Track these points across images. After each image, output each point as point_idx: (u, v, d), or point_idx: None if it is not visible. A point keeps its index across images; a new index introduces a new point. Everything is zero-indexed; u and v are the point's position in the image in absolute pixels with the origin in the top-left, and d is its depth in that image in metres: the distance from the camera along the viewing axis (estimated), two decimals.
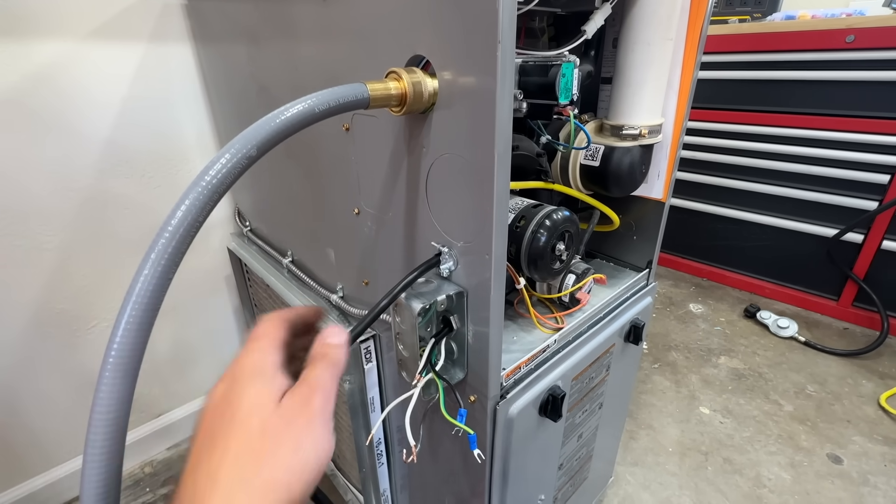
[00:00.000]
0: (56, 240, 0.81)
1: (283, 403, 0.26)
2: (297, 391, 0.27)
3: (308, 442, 0.25)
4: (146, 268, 0.26)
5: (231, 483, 0.23)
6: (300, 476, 0.24)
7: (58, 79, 0.75)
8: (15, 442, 0.87)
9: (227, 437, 0.24)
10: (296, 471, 0.24)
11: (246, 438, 0.24)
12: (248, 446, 0.24)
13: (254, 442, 0.24)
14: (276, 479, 0.24)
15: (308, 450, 0.25)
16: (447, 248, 0.43)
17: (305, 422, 0.26)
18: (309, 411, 0.26)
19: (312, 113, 0.31)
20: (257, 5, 0.60)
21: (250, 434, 0.24)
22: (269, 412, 0.25)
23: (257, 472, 0.24)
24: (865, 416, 1.15)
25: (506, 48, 0.32)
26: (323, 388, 0.27)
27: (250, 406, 0.25)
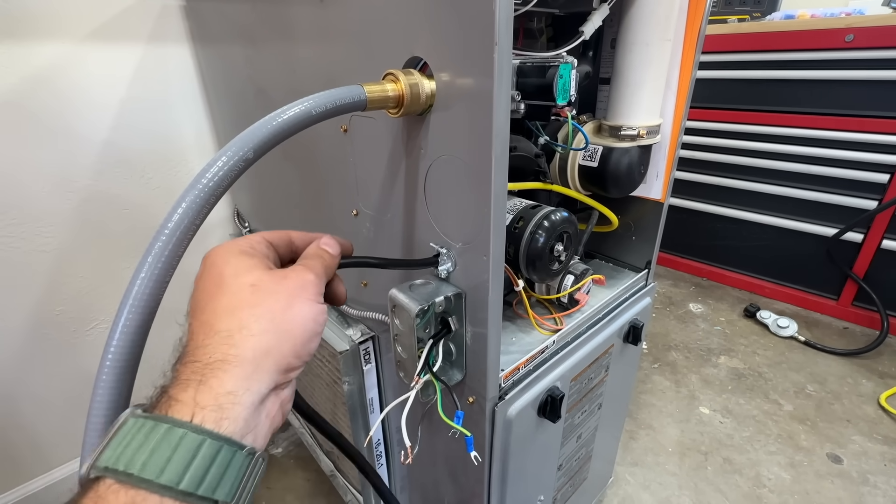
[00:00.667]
0: (54, 241, 0.81)
1: (273, 272, 0.27)
2: (291, 268, 0.28)
3: (302, 302, 0.26)
4: (143, 271, 0.26)
5: (229, 329, 0.24)
6: (294, 329, 0.25)
7: (56, 80, 0.75)
8: (13, 444, 0.87)
9: (219, 296, 0.25)
10: (292, 324, 0.25)
11: (237, 293, 0.25)
12: (239, 299, 0.25)
13: (244, 295, 0.25)
14: (274, 327, 0.25)
15: (303, 307, 0.26)
16: (445, 249, 0.43)
17: (299, 286, 0.27)
18: (302, 280, 0.27)
19: (310, 115, 0.31)
20: (255, 7, 0.60)
21: (242, 290, 0.25)
22: (260, 273, 0.26)
23: (254, 320, 0.24)
24: (865, 415, 1.15)
25: (503, 49, 0.31)
26: (316, 270, 0.29)
27: (236, 269, 0.26)
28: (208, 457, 0.20)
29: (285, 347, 0.25)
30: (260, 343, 0.24)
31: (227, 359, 0.23)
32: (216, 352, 0.23)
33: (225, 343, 0.23)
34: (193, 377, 0.22)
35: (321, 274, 0.29)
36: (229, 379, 0.22)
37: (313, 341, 0.27)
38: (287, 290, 0.26)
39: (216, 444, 0.21)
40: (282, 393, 0.26)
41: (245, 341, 0.24)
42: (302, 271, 0.28)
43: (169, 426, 0.20)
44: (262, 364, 0.24)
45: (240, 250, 0.28)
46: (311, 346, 0.27)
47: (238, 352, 0.23)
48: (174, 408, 0.21)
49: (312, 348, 0.27)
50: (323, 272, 0.30)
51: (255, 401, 0.23)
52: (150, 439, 0.20)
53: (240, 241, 0.29)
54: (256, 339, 0.24)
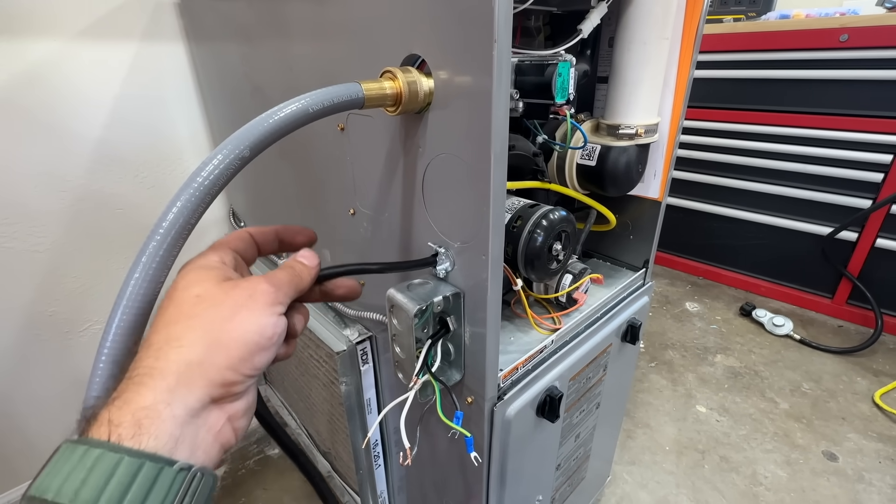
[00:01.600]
0: (47, 241, 0.80)
1: (226, 281, 0.26)
2: (248, 278, 0.27)
3: (247, 312, 0.25)
4: (137, 271, 0.25)
5: (159, 341, 0.23)
6: (236, 341, 0.24)
7: (50, 78, 0.74)
8: (7, 445, 0.86)
9: (166, 309, 0.25)
10: (230, 334, 0.24)
11: (180, 304, 0.24)
12: (180, 310, 0.24)
13: (186, 307, 0.24)
14: (209, 337, 0.23)
15: (246, 318, 0.25)
16: (444, 248, 0.42)
17: (247, 296, 0.25)
18: (252, 290, 0.26)
19: (306, 113, 0.31)
20: (251, 3, 0.60)
21: (186, 301, 0.24)
22: (210, 285, 0.25)
23: (189, 330, 0.23)
24: (860, 413, 1.16)
25: (502, 47, 0.31)
26: (276, 280, 0.27)
27: (189, 282, 0.25)
28: (127, 475, 0.19)
29: (218, 360, 0.23)
30: (187, 355, 0.23)
31: (150, 372, 0.22)
32: (142, 365, 0.22)
33: (152, 356, 0.23)
34: (116, 395, 0.22)
35: (283, 284, 0.27)
36: (148, 392, 0.21)
37: (259, 355, 0.25)
38: (233, 299, 0.25)
39: (135, 461, 0.20)
40: (229, 407, 0.25)
41: (171, 353, 0.23)
42: (256, 281, 0.26)
43: (86, 448, 0.20)
44: (189, 376, 0.22)
45: (201, 264, 0.27)
46: (255, 361, 0.25)
47: (162, 364, 0.22)
48: (93, 428, 0.21)
49: (258, 363, 0.25)
50: (286, 281, 0.28)
51: (181, 414, 0.22)
52: (67, 464, 0.20)
53: (209, 254, 0.28)
54: (184, 351, 0.23)
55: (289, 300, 0.28)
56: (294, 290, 0.29)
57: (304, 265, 0.31)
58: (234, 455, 1.06)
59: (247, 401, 0.26)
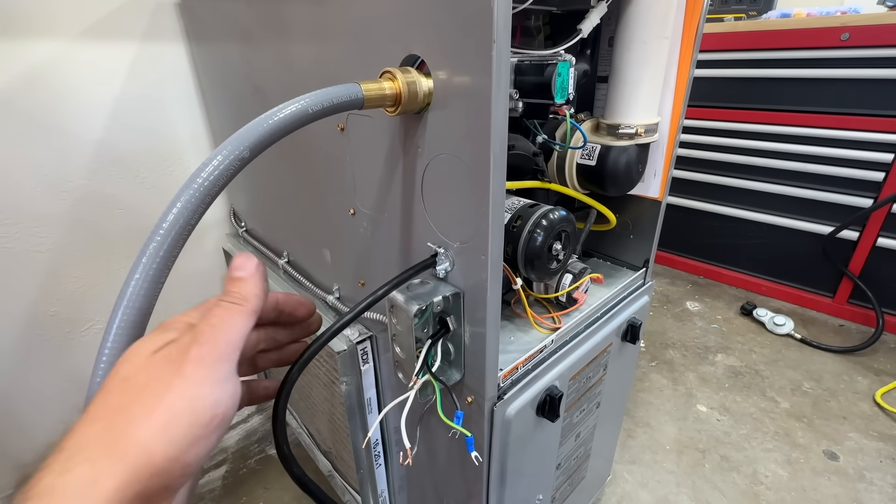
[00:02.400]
0: (49, 241, 0.80)
1: (158, 352, 0.21)
2: (179, 339, 0.22)
3: (175, 396, 0.20)
4: (137, 271, 0.25)
5: (74, 447, 0.19)
6: (163, 434, 0.19)
7: (49, 79, 0.74)
8: (9, 445, 0.86)
9: (94, 400, 0.21)
10: (156, 427, 0.19)
11: (105, 395, 0.20)
12: (104, 403, 0.20)
13: (111, 397, 0.20)
14: (128, 437, 0.19)
15: (175, 402, 0.20)
16: (443, 248, 0.42)
17: (174, 372, 0.21)
18: (183, 360, 0.21)
19: (306, 114, 0.31)
20: (251, 4, 0.60)
21: (110, 390, 0.21)
22: (138, 362, 0.21)
23: (106, 431, 0.19)
24: (861, 412, 1.16)
25: (501, 47, 0.31)
26: (209, 334, 0.22)
27: (123, 359, 0.22)
28: None
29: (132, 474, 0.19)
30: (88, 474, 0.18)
31: (47, 492, 0.18)
32: (42, 482, 0.18)
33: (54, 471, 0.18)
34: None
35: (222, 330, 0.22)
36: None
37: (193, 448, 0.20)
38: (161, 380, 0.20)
39: None
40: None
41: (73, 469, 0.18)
42: (188, 344, 0.22)
43: None
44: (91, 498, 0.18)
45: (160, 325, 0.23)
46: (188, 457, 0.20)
47: (60, 482, 0.18)
48: None
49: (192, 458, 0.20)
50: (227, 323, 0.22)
51: None
52: None
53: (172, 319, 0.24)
54: (86, 469, 0.18)
55: (235, 348, 0.22)
56: (243, 327, 0.23)
57: (240, 280, 0.24)
58: (236, 454, 1.06)
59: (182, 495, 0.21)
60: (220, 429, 0.21)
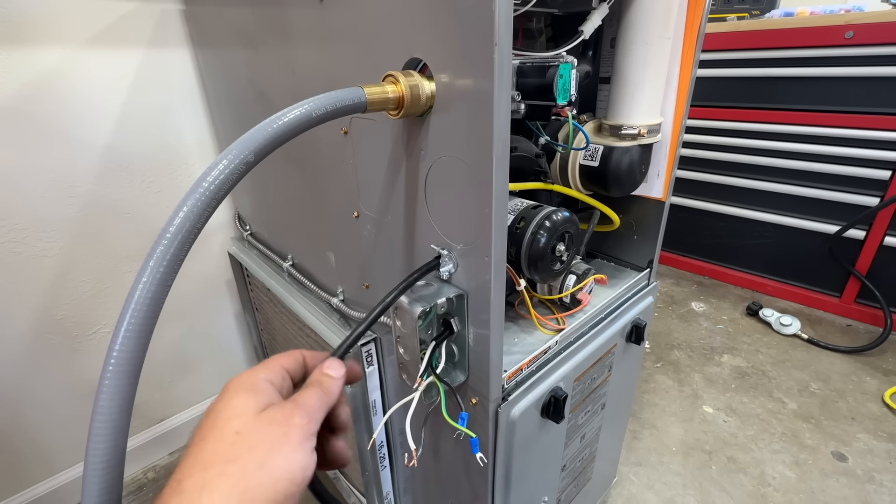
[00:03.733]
0: (56, 246, 0.81)
1: (263, 413, 0.25)
2: (282, 405, 0.26)
3: (280, 455, 0.24)
4: (145, 275, 0.26)
5: (194, 488, 0.22)
6: (269, 489, 0.23)
7: (57, 86, 0.75)
8: (16, 448, 0.87)
9: (205, 442, 0.24)
10: (263, 483, 0.23)
11: (218, 442, 0.24)
12: (218, 451, 0.24)
13: (226, 447, 0.24)
14: (241, 487, 0.23)
15: (279, 463, 0.24)
16: (447, 250, 0.43)
17: (282, 434, 0.25)
18: (288, 424, 0.25)
19: (310, 117, 0.31)
20: (254, 10, 0.60)
21: (224, 439, 0.24)
22: (248, 419, 0.25)
23: (223, 479, 0.23)
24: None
25: (503, 50, 0.31)
26: (308, 408, 0.27)
27: (232, 412, 0.25)
28: None
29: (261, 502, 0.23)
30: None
31: None
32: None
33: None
34: None
35: (315, 408, 0.27)
36: None
37: (289, 491, 0.24)
38: (268, 440, 0.24)
39: None
40: None
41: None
42: (290, 411, 0.26)
43: None
44: None
45: (250, 385, 0.27)
46: (284, 497, 0.24)
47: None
48: None
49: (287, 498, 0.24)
50: (318, 404, 0.27)
51: None
52: None
53: (257, 372, 0.28)
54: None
55: (319, 425, 0.27)
56: (326, 408, 0.28)
57: (331, 377, 0.30)
58: None
59: None
60: (305, 483, 0.25)
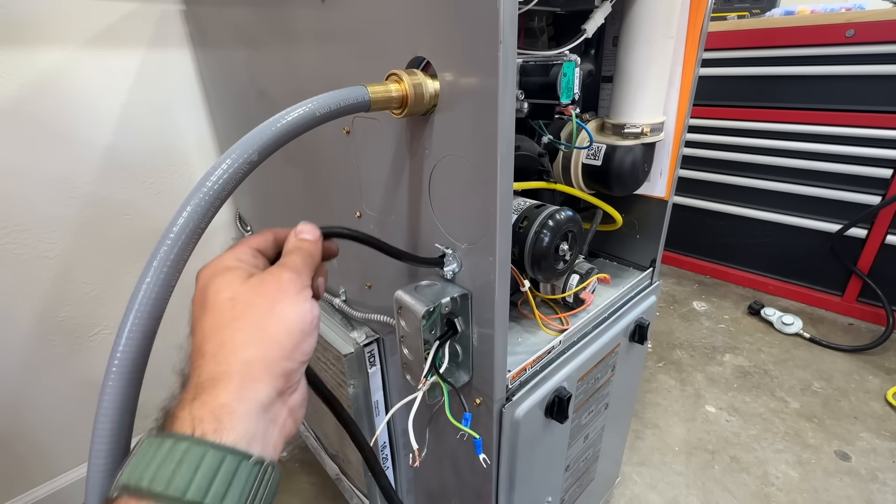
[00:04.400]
0: (58, 247, 0.81)
1: (249, 280, 0.27)
2: (267, 270, 0.28)
3: (283, 304, 0.26)
4: (148, 276, 0.26)
5: (213, 348, 0.24)
6: (284, 333, 0.25)
7: (58, 86, 0.75)
8: (18, 450, 0.87)
9: (204, 316, 0.26)
10: (277, 328, 0.25)
11: (219, 310, 0.25)
12: (221, 316, 0.25)
13: (225, 311, 0.25)
14: (258, 336, 0.25)
15: (285, 309, 0.26)
16: (451, 249, 0.42)
17: (277, 289, 0.26)
18: (279, 281, 0.27)
19: (313, 116, 0.31)
20: (255, 9, 0.60)
21: (222, 307, 0.25)
22: (238, 285, 0.26)
23: (238, 333, 0.25)
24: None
25: (507, 48, 0.31)
26: (293, 266, 0.28)
27: (217, 287, 0.26)
28: (212, 467, 0.21)
29: (272, 353, 0.25)
30: (244, 356, 0.24)
31: (216, 376, 0.23)
32: (205, 371, 0.24)
33: (212, 362, 0.24)
34: (188, 396, 0.23)
35: (301, 267, 0.28)
36: (222, 392, 0.23)
37: (306, 341, 0.26)
38: (265, 295, 0.26)
39: (219, 454, 0.21)
40: (289, 399, 0.26)
41: (229, 357, 0.24)
42: (278, 271, 0.27)
43: (173, 441, 0.21)
44: (252, 374, 0.24)
45: (223, 266, 0.28)
46: (304, 347, 0.26)
47: (224, 368, 0.24)
48: (176, 424, 0.22)
49: (307, 348, 0.26)
50: (303, 264, 0.29)
51: (253, 409, 0.23)
52: (157, 455, 0.21)
53: (225, 255, 0.29)
54: (240, 353, 0.24)
55: (310, 280, 0.29)
56: (311, 268, 0.30)
57: (309, 241, 0.31)
58: None
59: (301, 391, 0.28)
60: (317, 329, 0.27)
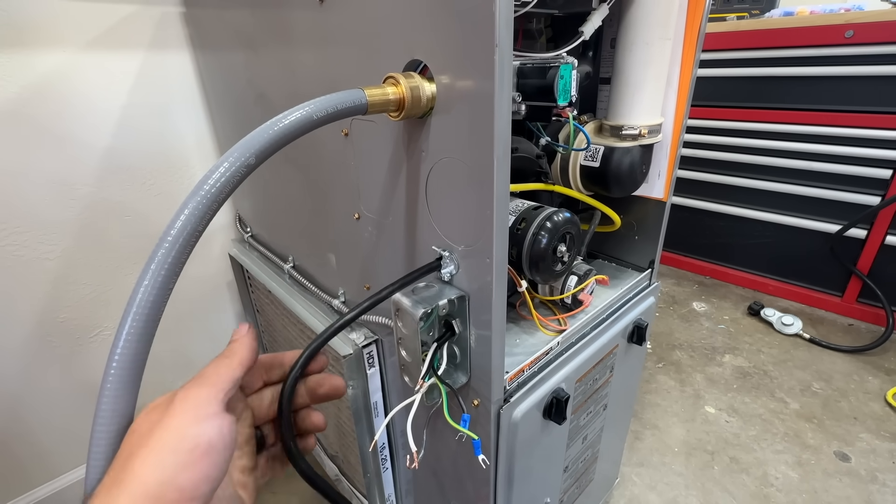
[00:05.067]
0: (57, 249, 0.81)
1: (153, 406, 0.25)
2: (173, 393, 0.25)
3: (163, 426, 0.23)
4: (146, 278, 0.26)
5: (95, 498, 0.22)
6: (153, 461, 0.22)
7: (58, 88, 0.75)
8: (18, 452, 0.87)
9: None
10: (147, 457, 0.22)
11: (119, 451, 0.23)
12: (117, 457, 0.23)
13: (122, 450, 0.23)
14: (127, 472, 0.22)
15: (162, 433, 0.23)
16: (448, 252, 0.43)
17: (164, 411, 0.24)
18: (171, 401, 0.24)
19: (311, 119, 0.31)
20: (254, 12, 0.60)
21: (122, 445, 0.24)
22: (142, 416, 0.24)
23: (115, 474, 0.22)
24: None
25: (503, 51, 0.31)
26: (196, 380, 0.26)
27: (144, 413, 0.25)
28: None
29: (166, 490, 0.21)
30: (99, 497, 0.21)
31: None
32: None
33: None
34: None
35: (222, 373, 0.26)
36: None
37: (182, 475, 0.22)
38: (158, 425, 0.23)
39: None
40: None
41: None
42: (175, 395, 0.25)
43: None
44: None
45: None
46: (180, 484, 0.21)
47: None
48: None
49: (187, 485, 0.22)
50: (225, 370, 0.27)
51: None
52: None
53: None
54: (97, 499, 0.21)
55: (229, 388, 0.26)
56: (230, 371, 0.27)
57: (233, 342, 0.29)
58: None
59: None
60: (208, 457, 0.23)
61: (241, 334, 0.29)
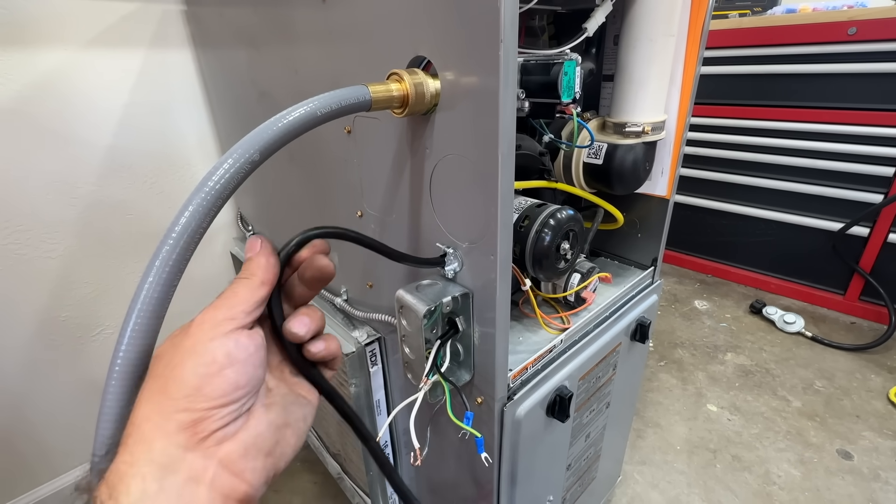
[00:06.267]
0: (60, 247, 0.81)
1: (174, 334, 0.26)
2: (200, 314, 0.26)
3: (185, 346, 0.24)
4: (150, 275, 0.26)
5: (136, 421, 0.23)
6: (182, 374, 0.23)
7: (59, 87, 0.75)
8: (22, 449, 0.87)
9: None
10: (176, 372, 0.23)
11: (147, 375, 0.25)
12: (148, 377, 0.24)
13: (152, 372, 0.25)
14: (155, 391, 0.23)
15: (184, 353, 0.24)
16: (452, 249, 0.42)
17: (184, 333, 0.25)
18: (190, 325, 0.25)
19: (314, 116, 0.31)
20: (256, 9, 0.60)
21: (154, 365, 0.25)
22: (166, 344, 0.25)
23: (142, 393, 0.24)
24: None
25: (508, 47, 0.31)
26: (215, 304, 0.26)
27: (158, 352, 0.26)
28: None
29: (165, 406, 0.23)
30: (138, 414, 0.23)
31: (122, 440, 0.23)
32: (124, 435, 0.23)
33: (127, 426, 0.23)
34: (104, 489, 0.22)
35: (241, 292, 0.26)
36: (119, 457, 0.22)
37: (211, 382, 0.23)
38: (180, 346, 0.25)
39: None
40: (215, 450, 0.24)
41: (131, 418, 0.23)
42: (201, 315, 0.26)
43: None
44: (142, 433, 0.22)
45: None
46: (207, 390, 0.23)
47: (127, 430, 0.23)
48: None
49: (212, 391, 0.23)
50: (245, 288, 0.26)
51: (149, 471, 0.22)
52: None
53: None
54: (136, 412, 0.23)
55: (249, 309, 0.26)
56: (251, 292, 0.26)
57: (248, 261, 0.28)
58: None
59: (241, 442, 0.25)
60: (231, 367, 0.24)
61: (255, 251, 0.28)
